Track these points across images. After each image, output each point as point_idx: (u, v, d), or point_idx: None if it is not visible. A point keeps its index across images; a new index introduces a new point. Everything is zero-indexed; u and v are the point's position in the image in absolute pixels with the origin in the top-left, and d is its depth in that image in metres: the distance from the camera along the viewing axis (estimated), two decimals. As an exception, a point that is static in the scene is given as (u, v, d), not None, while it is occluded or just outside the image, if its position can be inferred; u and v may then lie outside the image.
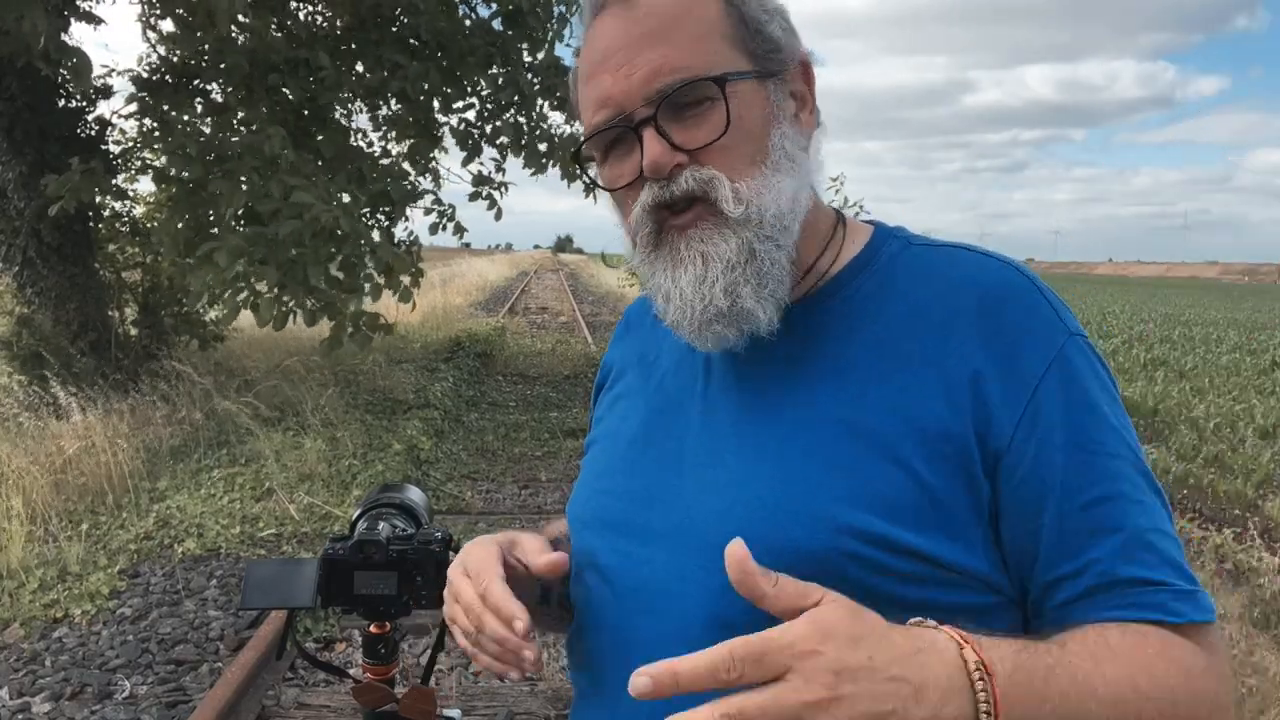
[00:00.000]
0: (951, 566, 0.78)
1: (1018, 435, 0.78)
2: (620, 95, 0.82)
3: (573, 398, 9.89)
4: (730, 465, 0.85)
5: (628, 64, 0.82)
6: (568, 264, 65.44)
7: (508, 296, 26.74)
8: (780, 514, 0.79)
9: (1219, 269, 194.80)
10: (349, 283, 7.32)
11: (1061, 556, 0.78)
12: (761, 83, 0.85)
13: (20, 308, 7.98)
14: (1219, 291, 74.59)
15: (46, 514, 5.22)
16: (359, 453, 6.66)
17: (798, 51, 0.88)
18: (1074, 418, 0.79)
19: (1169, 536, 0.80)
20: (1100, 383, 0.81)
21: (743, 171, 0.82)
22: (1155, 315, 30.16)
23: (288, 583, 1.02)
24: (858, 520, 0.77)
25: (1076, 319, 0.85)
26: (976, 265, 0.86)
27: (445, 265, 32.74)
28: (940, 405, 0.79)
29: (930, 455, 0.78)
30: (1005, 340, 0.80)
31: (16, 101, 7.42)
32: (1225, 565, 5.27)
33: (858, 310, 0.87)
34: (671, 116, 0.82)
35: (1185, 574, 0.79)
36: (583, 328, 17.78)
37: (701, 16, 0.83)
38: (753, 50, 0.84)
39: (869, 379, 0.82)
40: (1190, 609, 0.77)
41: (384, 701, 1.06)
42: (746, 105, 0.83)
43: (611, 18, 0.84)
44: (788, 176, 0.84)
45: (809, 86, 0.89)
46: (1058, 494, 0.78)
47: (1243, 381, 12.86)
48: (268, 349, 9.80)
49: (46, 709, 3.35)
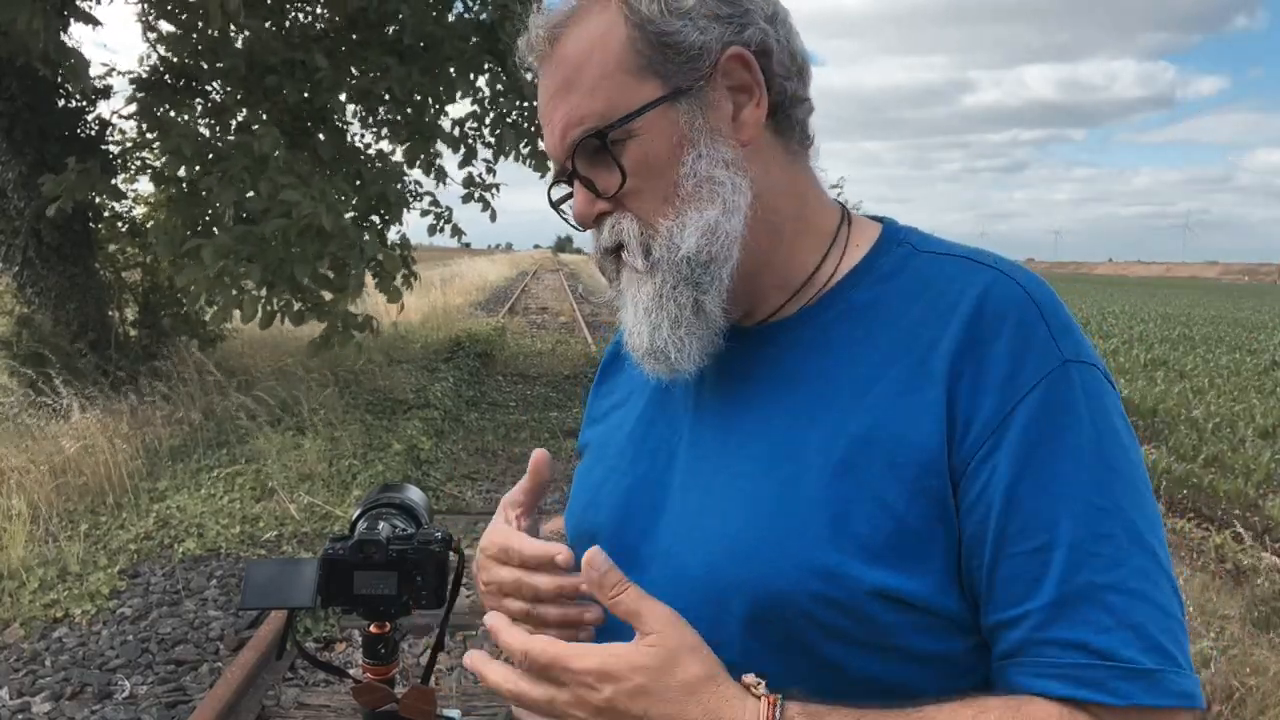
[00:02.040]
0: (925, 608, 0.73)
1: (974, 463, 0.73)
2: (553, 151, 0.85)
3: (573, 398, 9.88)
4: (713, 490, 0.83)
5: (550, 121, 0.84)
6: (568, 264, 65.43)
7: (508, 296, 26.73)
8: (750, 551, 0.77)
9: (1219, 269, 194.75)
10: (338, 281, 7.32)
11: (1001, 603, 0.72)
12: (671, 106, 0.80)
13: (20, 308, 7.97)
14: (1219, 291, 74.55)
15: (47, 514, 5.22)
16: (359, 453, 6.66)
17: (728, 44, 0.81)
18: (1039, 451, 0.71)
19: (1147, 602, 0.69)
20: (1095, 418, 0.73)
21: (656, 212, 0.82)
22: (1155, 315, 30.16)
23: (288, 583, 1.02)
24: (828, 561, 0.73)
25: (1085, 344, 0.76)
26: (973, 278, 0.79)
27: (445, 265, 32.73)
28: (921, 436, 0.74)
29: (909, 490, 0.73)
30: (989, 363, 0.74)
31: (16, 101, 7.41)
32: (1225, 565, 5.27)
33: (850, 327, 0.82)
34: (589, 166, 0.82)
35: (1153, 645, 0.68)
36: (583, 328, 17.78)
37: (605, 56, 0.80)
38: (662, 71, 0.80)
39: (852, 406, 0.78)
40: (1139, 690, 0.67)
41: (384, 701, 1.06)
42: (650, 141, 0.80)
43: (541, 74, 0.85)
44: (707, 204, 0.80)
45: (752, 73, 0.82)
46: (997, 532, 0.72)
47: (1243, 381, 12.87)
48: (268, 349, 9.80)
49: (46, 709, 3.34)
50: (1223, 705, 3.34)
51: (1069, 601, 0.69)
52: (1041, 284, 0.79)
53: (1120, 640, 0.68)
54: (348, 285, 7.34)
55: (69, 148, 7.31)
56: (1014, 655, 0.72)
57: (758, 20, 0.82)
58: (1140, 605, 0.69)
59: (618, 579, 0.73)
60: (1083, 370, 0.74)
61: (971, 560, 0.73)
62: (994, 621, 0.73)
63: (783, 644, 0.76)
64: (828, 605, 0.73)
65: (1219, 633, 3.81)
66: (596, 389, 1.09)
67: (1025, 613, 0.70)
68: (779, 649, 0.76)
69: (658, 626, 0.72)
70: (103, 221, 8.61)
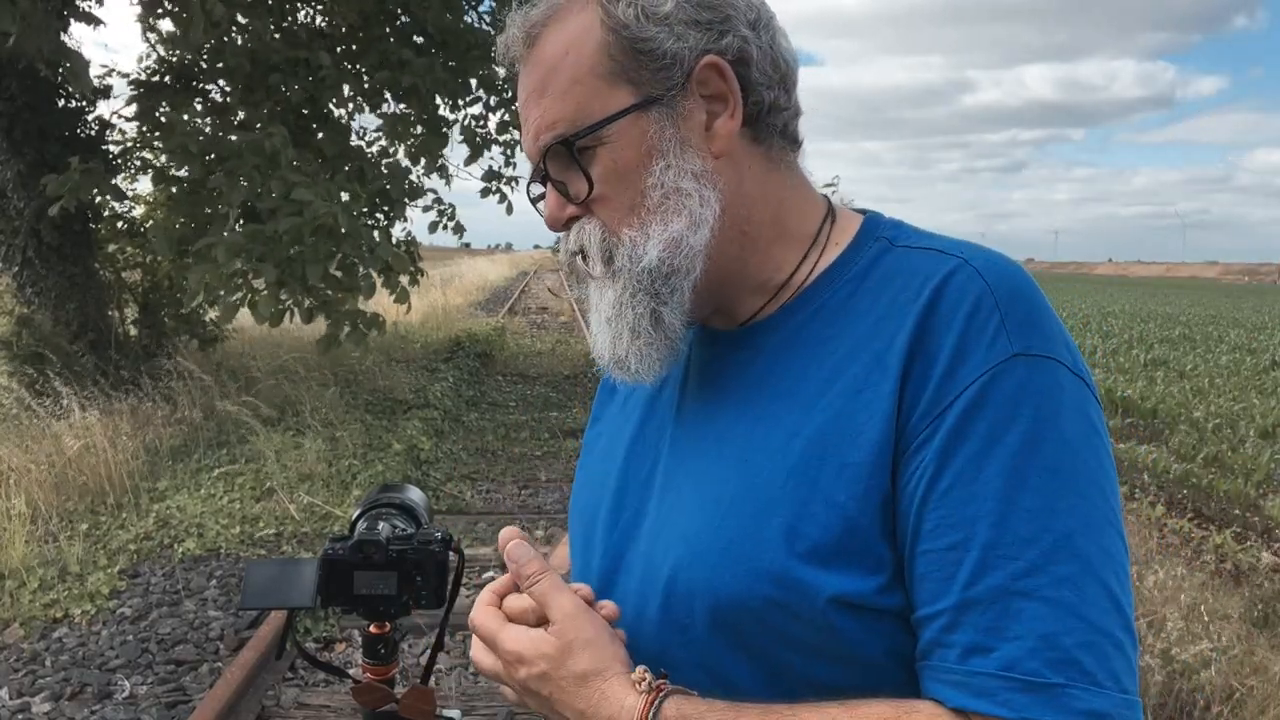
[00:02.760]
0: (880, 609, 0.72)
1: (908, 454, 0.71)
2: (528, 151, 0.86)
3: (573, 398, 9.89)
4: (684, 496, 0.84)
5: (526, 121, 0.84)
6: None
7: (508, 296, 26.74)
8: (709, 555, 0.77)
9: (1219, 269, 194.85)
10: (348, 281, 7.32)
11: (916, 601, 0.71)
12: (642, 115, 0.79)
13: (20, 308, 7.97)
14: (1219, 291, 74.59)
15: (47, 514, 5.22)
16: (359, 453, 6.66)
17: (704, 52, 0.79)
18: (968, 446, 0.68)
19: (1065, 611, 0.64)
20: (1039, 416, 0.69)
21: (621, 221, 0.81)
22: (1155, 315, 30.17)
23: (287, 583, 1.01)
24: (780, 566, 0.73)
25: (1051, 338, 0.72)
26: (936, 269, 0.76)
27: (445, 265, 32.73)
28: (872, 431, 0.73)
29: (861, 489, 0.72)
30: (935, 354, 0.72)
31: (16, 101, 7.42)
32: (1225, 565, 5.27)
33: (821, 326, 0.81)
34: (560, 170, 0.83)
35: (1064, 658, 0.63)
36: (583, 328, 17.78)
37: (579, 59, 0.80)
38: (635, 78, 0.79)
39: (811, 408, 0.77)
40: (1035, 704, 0.63)
41: (384, 702, 1.06)
42: (618, 150, 0.80)
43: (520, 73, 0.85)
44: (673, 217, 0.79)
45: (728, 83, 0.80)
46: (916, 526, 0.70)
47: (1243, 381, 12.86)
48: (268, 349, 9.80)
49: (46, 709, 3.34)
50: (1223, 705, 3.34)
51: (976, 605, 0.66)
52: (1012, 275, 0.75)
53: (1024, 650, 0.64)
54: (357, 285, 7.34)
55: (69, 148, 7.31)
56: (923, 657, 0.70)
57: (739, 27, 0.81)
58: (1056, 615, 0.64)
59: (534, 569, 0.80)
60: (1036, 364, 0.70)
61: (901, 554, 0.72)
62: (914, 619, 0.71)
63: (743, 647, 0.76)
64: (782, 611, 0.73)
65: (1219, 633, 3.81)
66: (602, 387, 1.10)
67: (935, 612, 0.69)
68: (742, 653, 0.77)
69: (558, 618, 0.77)
70: (103, 221, 8.61)
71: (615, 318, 0.83)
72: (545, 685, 0.76)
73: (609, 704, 0.73)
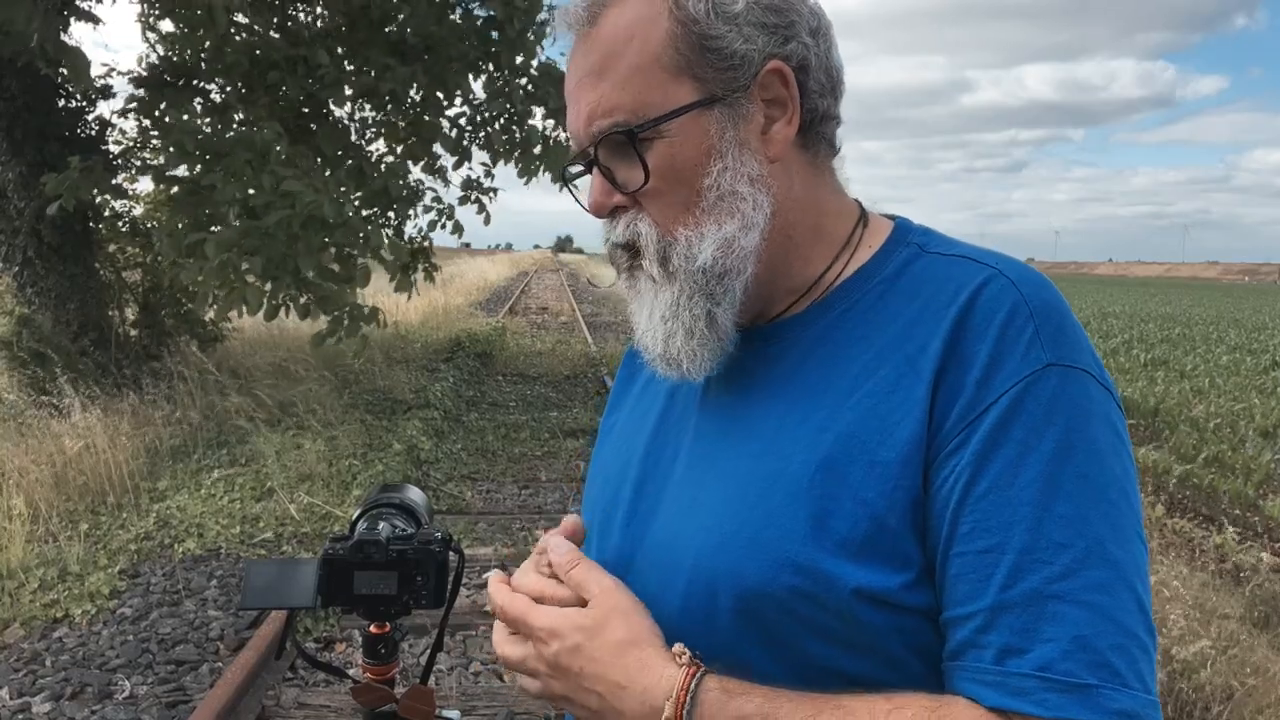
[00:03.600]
0: (905, 606, 0.73)
1: (941, 458, 0.72)
2: (576, 131, 0.83)
3: (573, 398, 9.89)
4: (708, 486, 0.84)
5: (577, 102, 0.82)
6: (568, 264, 65.44)
7: (508, 296, 26.74)
8: (734, 546, 0.77)
9: (1219, 269, 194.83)
10: (344, 273, 7.32)
11: (949, 601, 0.71)
12: (704, 113, 0.79)
13: (20, 308, 7.98)
14: (1219, 291, 74.60)
15: (47, 514, 5.22)
16: (359, 453, 6.66)
17: (770, 56, 0.79)
18: (1004, 452, 0.70)
19: (1098, 615, 0.66)
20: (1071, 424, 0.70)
21: (675, 219, 0.81)
22: (1155, 315, 30.17)
23: (287, 583, 1.02)
24: (805, 556, 0.74)
25: (1081, 350, 0.74)
26: (969, 277, 0.77)
27: (445, 265, 32.71)
28: (904, 433, 0.74)
29: (889, 489, 0.73)
30: (970, 361, 0.73)
31: (16, 101, 7.42)
32: (1225, 565, 5.27)
33: (850, 327, 0.82)
34: (611, 157, 0.81)
35: (1098, 660, 0.65)
36: (583, 328, 17.78)
37: (644, 46, 0.78)
38: (700, 75, 0.79)
39: (841, 404, 0.78)
40: (1071, 704, 0.64)
41: (383, 701, 1.06)
42: (678, 146, 0.79)
43: (574, 48, 0.83)
44: (727, 219, 0.80)
45: (789, 89, 0.81)
46: (951, 528, 0.71)
47: (1243, 381, 12.86)
48: (268, 349, 9.80)
49: (46, 709, 3.35)
50: (1222, 705, 3.34)
51: (1011, 607, 0.67)
52: (1043, 286, 0.76)
53: (1060, 652, 0.65)
54: (354, 276, 7.34)
55: (69, 147, 7.31)
56: (955, 657, 0.71)
57: (801, 34, 0.81)
58: (1089, 618, 0.66)
59: (571, 558, 0.81)
60: (1068, 375, 0.72)
61: (933, 556, 0.73)
62: (944, 619, 0.72)
63: (768, 638, 0.76)
64: (806, 600, 0.73)
65: (1219, 633, 3.81)
66: (620, 375, 1.10)
67: (969, 613, 0.70)
68: (765, 642, 0.77)
69: (595, 591, 0.78)
70: (103, 221, 8.61)
71: (671, 318, 0.82)
72: (578, 659, 0.75)
73: (648, 673, 0.73)
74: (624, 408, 1.05)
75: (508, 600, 0.81)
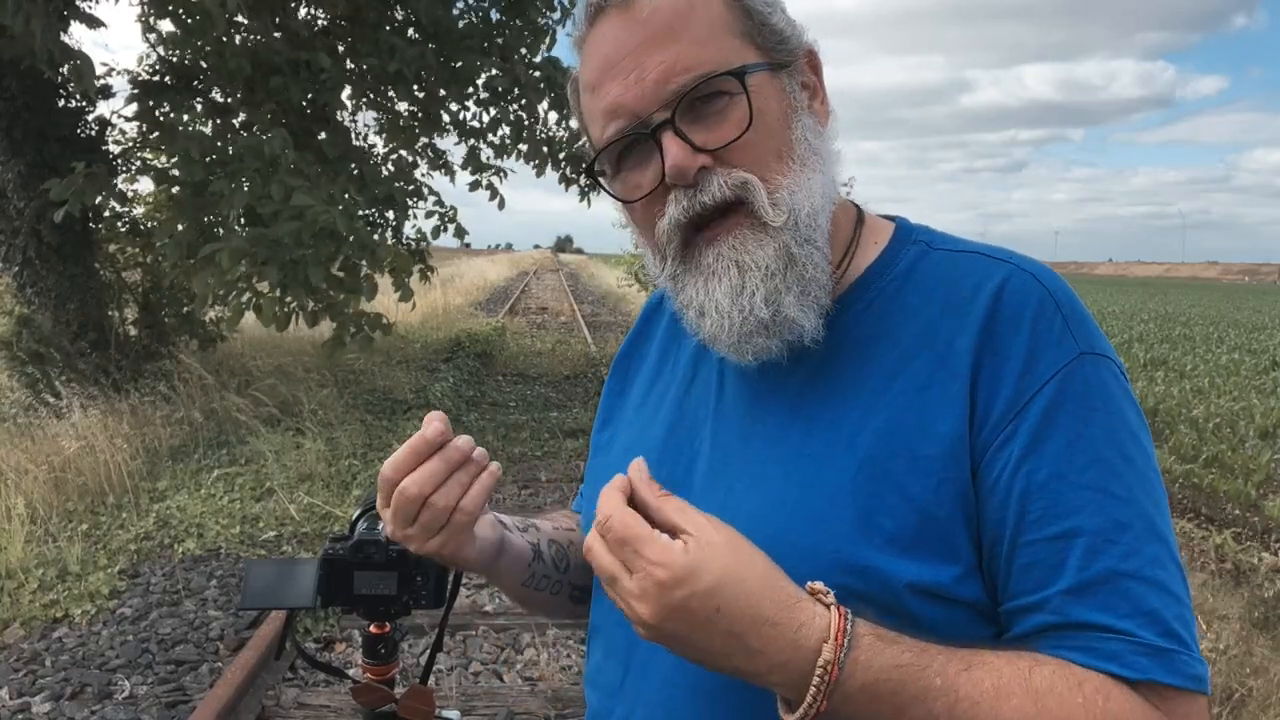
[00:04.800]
0: (955, 598, 0.75)
1: (992, 450, 0.74)
2: (633, 101, 0.79)
3: (572, 398, 9.88)
4: (737, 492, 0.83)
5: (638, 68, 0.79)
6: (568, 264, 65.43)
7: (508, 296, 26.73)
8: (778, 550, 0.75)
9: (1219, 269, 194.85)
10: (350, 283, 7.31)
11: (1021, 589, 0.74)
12: (775, 74, 0.82)
13: (20, 308, 7.97)
14: (1219, 291, 74.60)
15: (46, 514, 5.22)
16: (359, 453, 6.66)
17: (803, 41, 0.85)
18: (1056, 440, 0.73)
19: (1161, 590, 0.71)
20: (1109, 409, 0.74)
21: (772, 169, 0.80)
22: (1155, 315, 30.17)
23: (287, 583, 1.02)
24: (860, 557, 0.74)
25: (1100, 337, 0.78)
26: (990, 273, 0.80)
27: (446, 265, 32.75)
28: (944, 427, 0.75)
29: (933, 482, 0.75)
30: (1008, 355, 0.75)
31: (16, 101, 7.41)
32: (1225, 565, 5.27)
33: (870, 325, 0.83)
34: (690, 118, 0.79)
35: (1167, 630, 0.70)
36: (583, 328, 17.77)
37: (709, 14, 0.80)
38: (761, 43, 0.82)
39: (873, 402, 0.79)
40: (1155, 667, 0.69)
41: (383, 701, 1.06)
42: (766, 99, 0.80)
43: (611, 22, 0.81)
44: (815, 171, 0.82)
45: (818, 76, 0.86)
46: (1016, 518, 0.73)
47: (1243, 381, 12.85)
48: (268, 349, 9.80)
49: (46, 709, 3.34)
50: (1222, 706, 3.34)
51: (1089, 587, 0.71)
52: (1056, 278, 0.80)
53: (1137, 625, 0.70)
54: (360, 287, 7.33)
55: (69, 148, 7.30)
56: (1033, 637, 0.73)
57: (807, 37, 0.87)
58: (1155, 592, 0.71)
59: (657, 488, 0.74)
60: (1097, 362, 0.76)
61: (994, 547, 0.75)
62: (1013, 606, 0.74)
63: None
64: (859, 600, 0.73)
65: (1219, 633, 3.81)
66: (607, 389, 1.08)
67: (1046, 598, 0.72)
68: None
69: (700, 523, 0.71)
70: (103, 221, 8.61)
71: (780, 270, 0.79)
72: (712, 599, 0.67)
73: (801, 609, 0.69)
74: (621, 420, 1.04)
75: (612, 511, 0.71)
